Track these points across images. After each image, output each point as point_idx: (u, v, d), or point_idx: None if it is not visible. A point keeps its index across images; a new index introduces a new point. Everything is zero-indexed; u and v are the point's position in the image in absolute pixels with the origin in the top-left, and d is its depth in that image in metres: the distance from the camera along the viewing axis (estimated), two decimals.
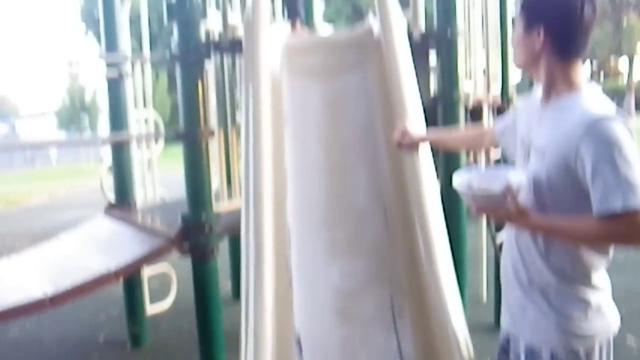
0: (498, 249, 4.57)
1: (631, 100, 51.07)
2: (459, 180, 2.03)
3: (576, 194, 1.86)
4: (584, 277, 1.94)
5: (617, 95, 60.16)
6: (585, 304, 1.94)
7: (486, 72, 4.93)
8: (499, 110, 5.27)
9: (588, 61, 52.92)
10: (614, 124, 1.79)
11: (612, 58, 55.26)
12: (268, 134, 3.10)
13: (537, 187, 1.96)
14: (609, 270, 2.06)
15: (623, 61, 55.94)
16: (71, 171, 27.72)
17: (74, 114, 40.75)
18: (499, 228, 4.55)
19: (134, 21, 5.71)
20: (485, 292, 5.84)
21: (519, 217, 1.89)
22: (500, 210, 1.91)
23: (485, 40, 5.03)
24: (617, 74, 59.00)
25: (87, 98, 39.75)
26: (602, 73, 58.94)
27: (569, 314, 1.94)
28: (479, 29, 5.19)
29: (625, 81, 54.88)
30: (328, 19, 44.14)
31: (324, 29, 5.21)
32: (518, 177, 1.98)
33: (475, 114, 4.69)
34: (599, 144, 1.78)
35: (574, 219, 1.88)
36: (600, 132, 1.79)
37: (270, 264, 2.68)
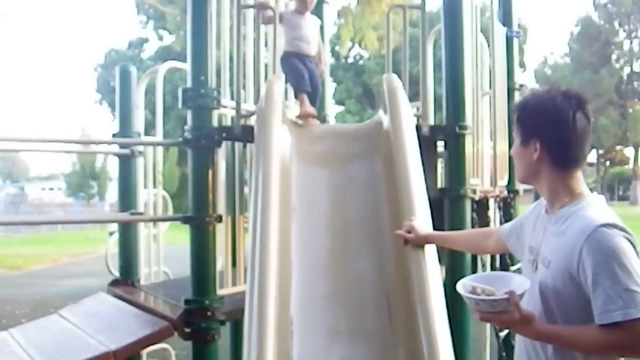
0: (502, 345, 4.52)
1: (637, 188, 51.18)
2: (463, 284, 2.04)
3: (583, 303, 1.87)
4: None
5: (623, 182, 60.42)
6: None
7: (493, 165, 4.97)
8: (505, 203, 5.31)
9: (594, 149, 53.31)
10: (612, 232, 1.82)
11: (618, 146, 55.68)
12: (276, 224, 3.11)
13: (544, 296, 1.98)
14: None
15: (629, 149, 56.34)
16: (76, 237, 27.70)
17: (84, 180, 41.04)
18: None
19: (150, 91, 5.83)
20: None
21: (522, 324, 1.89)
22: (504, 316, 1.90)
23: (493, 133, 5.10)
24: (622, 161, 59.35)
25: (98, 165, 40.09)
26: (607, 160, 59.29)
27: None
28: (487, 122, 5.27)
29: (631, 168, 55.13)
30: (338, 99, 45.03)
31: (334, 109, 5.35)
32: (522, 284, 1.99)
33: (482, 208, 4.71)
34: (597, 254, 1.81)
35: (577, 328, 1.88)
36: (599, 241, 1.82)
37: (272, 353, 2.65)
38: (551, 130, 2.01)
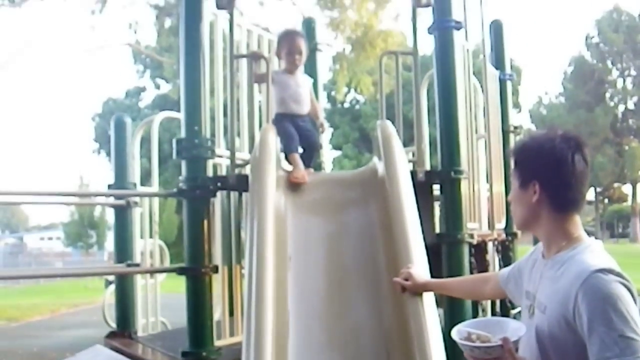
0: None
1: (637, 225, 51.09)
2: (458, 331, 2.02)
3: (579, 349, 1.83)
4: None
5: (622, 219, 60.32)
6: None
7: (490, 208, 4.96)
8: (504, 247, 5.28)
9: (592, 187, 53.41)
10: (608, 278, 1.80)
11: (615, 184, 55.75)
12: (271, 273, 3.08)
13: (540, 342, 1.95)
14: None
15: (627, 186, 56.38)
16: (75, 287, 27.44)
17: (82, 230, 40.91)
18: None
19: (147, 139, 5.84)
20: None
21: None
22: None
23: (489, 175, 5.10)
24: (621, 198, 59.34)
25: (96, 215, 40.01)
26: (606, 198, 59.30)
27: None
28: (482, 164, 5.28)
29: (630, 205, 55.09)
30: (335, 144, 45.19)
31: (331, 154, 5.33)
32: (517, 330, 1.97)
33: (480, 251, 4.68)
34: (593, 299, 1.78)
35: None
36: (595, 287, 1.79)
37: None
38: (551, 172, 2.00)
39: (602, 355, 1.76)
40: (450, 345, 2.90)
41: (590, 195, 56.42)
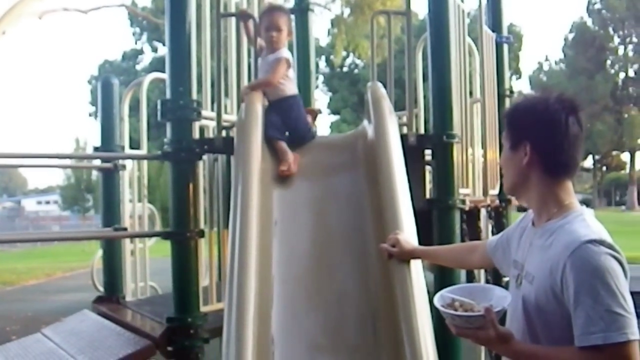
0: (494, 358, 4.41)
1: (634, 193, 51.28)
2: (442, 297, 1.96)
3: (566, 322, 1.76)
4: None
5: (620, 187, 60.48)
6: None
7: (484, 174, 4.88)
8: (497, 213, 5.21)
9: (590, 155, 53.49)
10: (598, 250, 1.72)
11: (614, 151, 55.85)
12: (255, 238, 3.01)
13: (527, 313, 1.89)
14: None
15: (625, 154, 56.49)
16: (72, 251, 27.52)
17: (78, 194, 40.95)
18: None
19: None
20: None
21: (499, 342, 1.79)
22: (480, 333, 1.81)
23: (484, 140, 5.01)
24: (619, 166, 59.47)
25: (93, 178, 40.00)
26: (604, 166, 59.43)
27: None
28: (478, 129, 5.19)
29: (627, 173, 55.27)
30: (334, 108, 45.10)
31: (330, 118, 5.20)
32: (503, 298, 1.90)
33: (472, 218, 4.61)
34: (581, 271, 1.71)
35: (556, 349, 1.79)
36: (583, 258, 1.72)
37: None
38: (543, 133, 1.91)
39: (586, 329, 1.69)
40: (438, 313, 2.86)
41: (588, 162, 56.62)
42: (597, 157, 56.49)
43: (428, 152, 4.28)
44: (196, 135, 4.04)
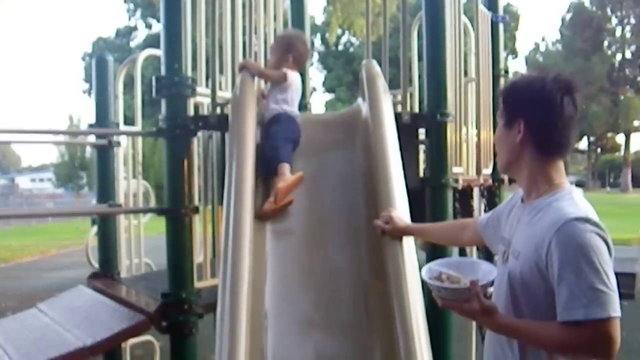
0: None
1: (628, 176, 51.43)
2: (429, 269, 1.99)
3: (551, 298, 1.80)
4: None
5: (614, 169, 60.66)
6: None
7: (477, 153, 4.89)
8: (490, 193, 5.23)
9: (585, 136, 53.53)
10: (583, 227, 1.75)
11: (609, 133, 55.92)
12: (249, 214, 3.03)
13: (512, 288, 1.92)
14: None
15: (620, 136, 56.57)
16: (66, 228, 27.58)
17: (72, 171, 40.90)
18: None
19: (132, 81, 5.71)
20: None
21: (483, 315, 1.83)
22: (465, 305, 1.85)
23: (478, 120, 5.01)
24: (614, 148, 59.57)
25: (87, 156, 39.92)
26: (599, 148, 59.53)
27: None
28: (472, 109, 5.19)
29: (622, 155, 55.36)
30: (329, 87, 44.95)
31: (324, 97, 5.17)
32: (489, 273, 1.94)
33: (465, 197, 4.63)
34: (565, 248, 1.74)
35: (538, 324, 1.83)
36: (568, 235, 1.74)
37: (244, 350, 2.57)
38: (537, 111, 1.93)
39: (569, 304, 1.72)
40: (428, 289, 2.88)
41: (583, 144, 56.66)
42: (592, 138, 56.56)
43: (422, 131, 4.29)
44: (191, 112, 4.04)
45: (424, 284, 2.24)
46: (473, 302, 1.81)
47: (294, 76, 3.75)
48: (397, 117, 3.69)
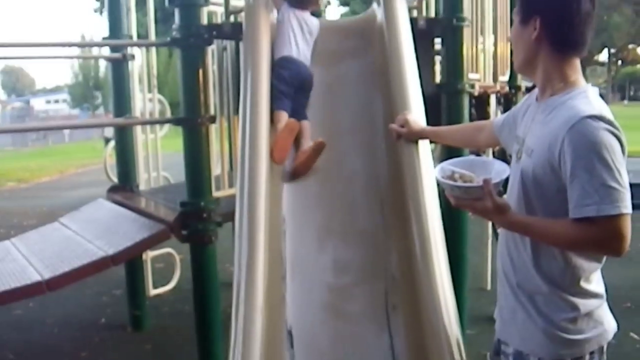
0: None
1: None
2: (442, 168, 2.00)
3: (561, 194, 1.81)
4: (573, 284, 1.89)
5: (634, 82, 59.71)
6: (575, 312, 1.88)
7: (494, 59, 4.83)
8: (507, 100, 5.19)
9: (605, 48, 52.47)
10: (597, 125, 1.73)
11: (630, 45, 54.70)
12: (266, 122, 3.05)
13: (524, 186, 1.93)
14: (613, 264, 1.99)
15: None
16: (83, 149, 27.84)
17: (87, 91, 40.90)
18: None
19: None
20: (489, 280, 5.80)
21: (496, 213, 1.84)
22: (478, 204, 1.87)
23: (495, 26, 4.93)
24: (635, 60, 58.43)
25: (100, 75, 39.82)
26: (619, 60, 58.39)
27: (556, 322, 1.89)
28: (489, 15, 5.09)
29: None
30: (343, 0, 44.04)
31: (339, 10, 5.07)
32: (502, 172, 1.94)
33: (481, 104, 4.61)
34: (579, 145, 1.73)
35: (550, 220, 1.84)
36: (582, 132, 1.74)
37: (263, 256, 2.61)
38: (554, 8, 1.90)
39: (581, 201, 1.72)
40: (444, 195, 2.90)
41: (603, 56, 55.56)
42: (612, 50, 55.43)
43: (437, 42, 4.23)
44: (204, 21, 4.00)
45: (438, 185, 2.26)
46: (486, 199, 1.82)
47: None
48: (413, 22, 3.63)
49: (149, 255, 5.70)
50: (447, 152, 3.73)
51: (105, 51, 5.61)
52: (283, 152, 3.14)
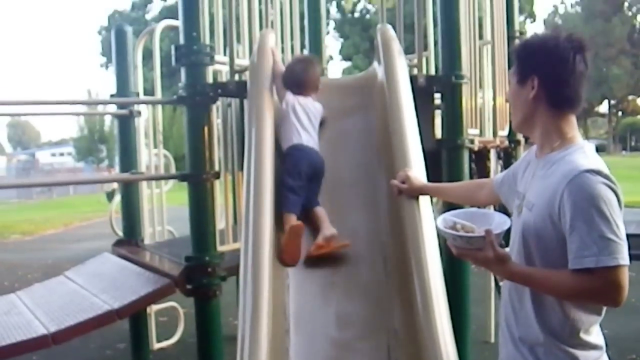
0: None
1: None
2: (444, 219, 2.05)
3: (561, 246, 1.87)
4: (572, 336, 1.93)
5: (635, 133, 59.94)
6: None
7: (493, 115, 4.92)
8: (506, 154, 5.26)
9: (605, 100, 52.86)
10: (595, 179, 1.81)
11: (630, 96, 55.09)
12: (270, 179, 3.10)
13: (525, 240, 1.98)
14: (618, 315, 2.03)
15: None
16: (88, 202, 27.91)
17: (92, 145, 41.22)
18: None
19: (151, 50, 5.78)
20: (493, 332, 5.78)
21: (497, 263, 1.89)
22: (479, 254, 1.92)
23: (493, 81, 5.04)
24: (635, 111, 58.78)
25: (106, 129, 40.17)
26: (619, 111, 58.72)
27: None
28: (487, 70, 5.21)
29: None
30: (345, 55, 44.71)
31: (341, 65, 5.17)
32: (502, 223, 2.00)
33: (481, 158, 4.67)
34: (578, 198, 1.80)
35: (550, 271, 1.90)
36: (580, 186, 1.81)
37: (267, 310, 2.65)
38: (551, 68, 1.99)
39: (580, 253, 1.79)
40: (446, 249, 2.92)
41: (603, 107, 55.98)
42: (612, 101, 55.86)
43: (437, 97, 4.33)
44: (210, 79, 4.11)
45: (439, 236, 2.30)
46: (487, 250, 1.87)
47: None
48: (413, 80, 3.73)
49: (152, 308, 5.72)
50: (449, 206, 3.78)
51: (112, 107, 5.73)
52: (292, 257, 3.11)
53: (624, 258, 1.77)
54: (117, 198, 5.69)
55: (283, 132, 3.44)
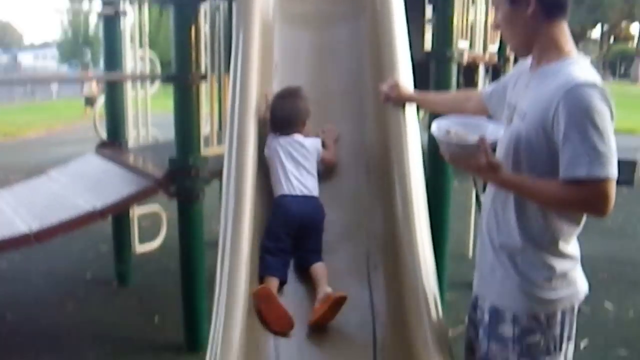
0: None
1: (639, 66, 50.65)
2: (437, 126, 2.05)
3: (551, 157, 1.89)
4: (551, 244, 1.98)
5: (625, 60, 59.68)
6: (550, 271, 1.98)
7: (484, 29, 4.86)
8: (495, 70, 5.24)
9: (599, 24, 52.33)
10: (591, 91, 1.81)
11: (624, 22, 54.56)
12: (256, 81, 3.07)
13: (515, 147, 1.99)
14: (594, 235, 2.08)
15: (635, 26, 55.22)
16: (71, 105, 27.55)
17: (76, 47, 40.37)
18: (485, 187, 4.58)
19: None
20: (471, 247, 5.90)
21: (489, 170, 1.91)
22: (472, 161, 1.93)
23: None
24: (627, 38, 58.36)
25: (90, 31, 39.31)
26: (612, 37, 58.26)
27: (532, 279, 1.99)
28: None
29: (635, 46, 54.29)
30: None
31: None
32: (496, 131, 2.01)
33: (470, 73, 4.65)
34: (573, 110, 1.81)
35: (541, 180, 1.92)
36: (576, 98, 1.81)
37: (249, 215, 2.68)
38: None
39: (572, 163, 1.80)
40: (432, 159, 2.94)
41: (596, 32, 55.47)
42: (605, 27, 55.36)
43: (428, 9, 4.25)
44: None
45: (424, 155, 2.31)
46: (480, 157, 1.88)
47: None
48: None
49: (135, 213, 5.74)
50: (434, 118, 3.78)
51: (97, 5, 5.59)
52: (280, 324, 2.58)
53: (613, 171, 1.80)
54: (101, 101, 5.62)
55: (271, 182, 3.03)
